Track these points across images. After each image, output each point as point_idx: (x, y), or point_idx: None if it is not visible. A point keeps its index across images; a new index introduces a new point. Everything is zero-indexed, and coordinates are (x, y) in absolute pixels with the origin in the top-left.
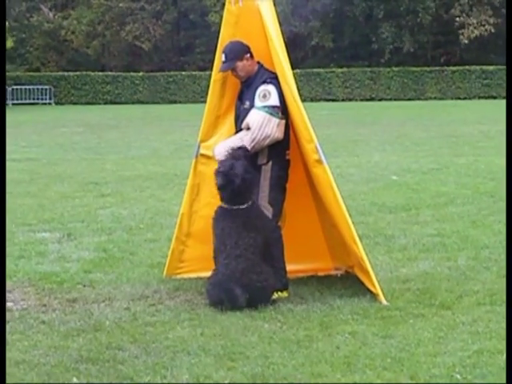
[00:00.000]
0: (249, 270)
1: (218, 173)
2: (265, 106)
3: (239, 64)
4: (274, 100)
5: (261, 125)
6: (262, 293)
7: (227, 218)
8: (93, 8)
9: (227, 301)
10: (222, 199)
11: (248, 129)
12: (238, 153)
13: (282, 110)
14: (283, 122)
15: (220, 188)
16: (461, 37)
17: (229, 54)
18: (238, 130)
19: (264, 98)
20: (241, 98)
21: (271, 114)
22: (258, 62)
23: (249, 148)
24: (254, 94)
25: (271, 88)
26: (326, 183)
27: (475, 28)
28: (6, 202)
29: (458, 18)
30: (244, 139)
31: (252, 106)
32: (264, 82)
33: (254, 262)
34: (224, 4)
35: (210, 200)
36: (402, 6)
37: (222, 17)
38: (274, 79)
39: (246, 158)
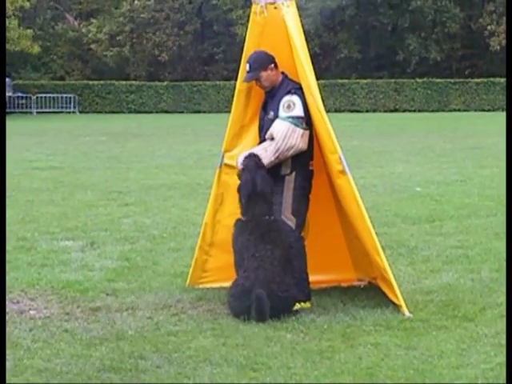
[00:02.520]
0: (268, 280)
1: (239, 187)
2: (289, 117)
3: (263, 74)
4: (299, 110)
5: (285, 135)
6: (283, 303)
7: (245, 231)
8: (117, 17)
9: (255, 311)
10: (242, 212)
11: (272, 139)
12: (252, 163)
13: (306, 121)
14: (307, 132)
15: (242, 196)
16: (492, 43)
17: (253, 64)
18: (262, 140)
19: (288, 108)
20: (265, 108)
21: (295, 124)
22: (283, 73)
23: (273, 158)
24: (279, 105)
25: (295, 99)
26: (350, 194)
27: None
28: (30, 210)
29: (489, 27)
30: (268, 149)
31: (276, 116)
32: (288, 93)
33: (273, 273)
34: (249, 16)
35: (234, 210)
36: (428, 17)
37: (247, 28)
38: (298, 90)
39: (260, 165)
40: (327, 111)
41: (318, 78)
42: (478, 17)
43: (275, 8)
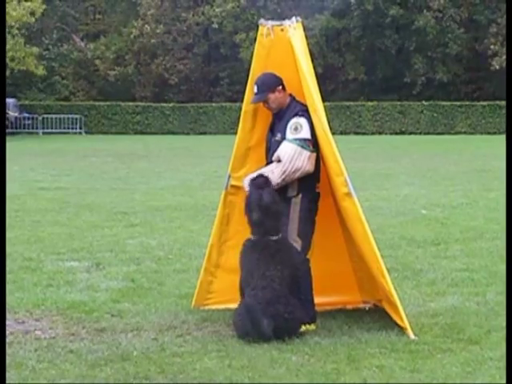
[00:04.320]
0: (275, 301)
1: (247, 205)
2: (296, 139)
3: (271, 96)
4: (306, 133)
5: (292, 157)
6: (288, 324)
7: (256, 249)
8: (123, 38)
9: (253, 331)
10: (252, 231)
11: (279, 161)
12: (260, 181)
13: (313, 143)
14: (314, 155)
15: (252, 220)
16: (493, 62)
17: (261, 86)
18: (269, 161)
19: (295, 130)
20: (272, 129)
21: (302, 146)
22: (290, 95)
23: (279, 180)
24: (286, 127)
25: (303, 121)
26: (355, 216)
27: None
28: (35, 231)
29: (492, 46)
30: (275, 171)
31: (283, 138)
32: (296, 115)
33: (280, 294)
34: (255, 39)
35: (239, 228)
36: (429, 36)
37: (252, 52)
38: (305, 112)
39: (269, 185)
40: (333, 133)
41: (323, 100)
42: (483, 39)
43: (282, 30)
